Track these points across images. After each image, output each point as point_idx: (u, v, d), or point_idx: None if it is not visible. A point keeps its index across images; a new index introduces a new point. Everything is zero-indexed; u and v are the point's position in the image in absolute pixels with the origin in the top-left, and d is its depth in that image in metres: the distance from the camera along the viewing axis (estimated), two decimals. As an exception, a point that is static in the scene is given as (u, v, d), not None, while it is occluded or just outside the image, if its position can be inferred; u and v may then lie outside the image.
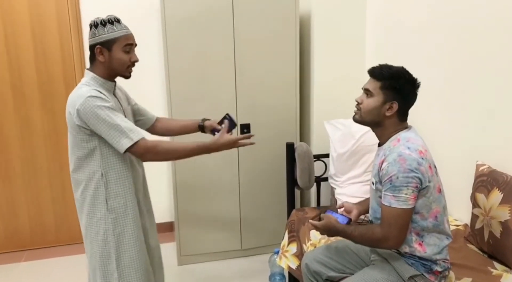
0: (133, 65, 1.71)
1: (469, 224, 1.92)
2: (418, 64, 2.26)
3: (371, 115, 1.53)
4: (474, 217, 1.84)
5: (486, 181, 1.79)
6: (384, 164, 1.46)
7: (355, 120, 1.60)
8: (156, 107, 2.95)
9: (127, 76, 1.72)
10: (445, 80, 2.12)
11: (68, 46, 2.91)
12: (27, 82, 2.89)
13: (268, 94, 2.72)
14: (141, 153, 1.64)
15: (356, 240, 1.54)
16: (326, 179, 2.51)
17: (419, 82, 1.52)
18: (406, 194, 1.41)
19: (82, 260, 2.62)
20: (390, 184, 1.42)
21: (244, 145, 1.76)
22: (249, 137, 1.77)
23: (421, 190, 1.44)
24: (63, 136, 3.00)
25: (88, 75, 1.68)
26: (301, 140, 2.88)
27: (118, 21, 1.66)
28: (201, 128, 2.02)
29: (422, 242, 1.49)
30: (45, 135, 2.99)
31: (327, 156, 2.52)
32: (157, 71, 3.01)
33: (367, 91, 1.55)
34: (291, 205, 2.43)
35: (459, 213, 2.07)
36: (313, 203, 2.80)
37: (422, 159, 1.43)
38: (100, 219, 1.71)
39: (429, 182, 1.44)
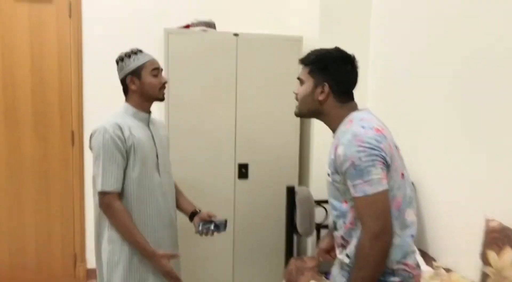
0: (164, 87, 1.79)
1: (478, 283, 1.81)
2: (419, 108, 2.22)
3: (305, 104, 1.41)
4: (485, 276, 1.73)
5: (497, 238, 1.69)
6: (340, 149, 1.27)
7: (295, 114, 1.49)
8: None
9: (161, 98, 1.80)
10: (446, 121, 2.06)
11: (67, 76, 2.85)
12: (21, 108, 2.81)
13: (268, 133, 2.66)
14: (100, 204, 1.65)
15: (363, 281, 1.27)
16: (326, 226, 2.40)
17: (353, 57, 1.39)
18: (376, 174, 1.21)
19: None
20: (355, 169, 1.22)
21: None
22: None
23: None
24: (52, 165, 2.89)
25: (123, 106, 1.76)
26: (300, 182, 2.79)
27: (140, 51, 1.77)
28: (192, 215, 1.93)
29: None
30: (34, 164, 2.87)
31: (327, 201, 2.42)
32: (157, 104, 2.94)
33: (299, 80, 1.45)
34: (289, 253, 2.31)
35: (466, 269, 1.96)
36: (310, 251, 2.67)
37: (380, 136, 1.26)
38: (103, 248, 1.70)
39: (391, 162, 1.27)
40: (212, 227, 1.85)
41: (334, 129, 1.40)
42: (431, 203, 2.19)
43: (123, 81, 1.76)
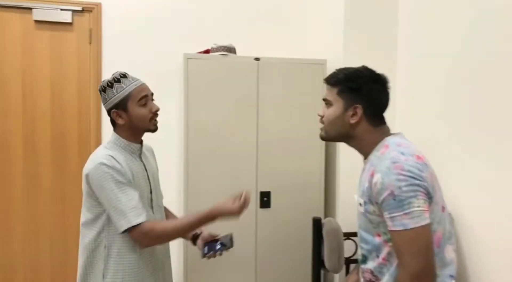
0: (156, 115, 1.60)
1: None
2: (453, 132, 2.08)
3: (335, 127, 1.30)
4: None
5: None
6: (376, 176, 1.15)
7: (321, 137, 1.37)
8: (171, 166, 2.81)
9: (153, 129, 1.61)
10: (486, 146, 1.90)
11: (86, 103, 2.82)
12: (39, 137, 2.78)
13: (291, 160, 2.54)
14: (137, 237, 1.46)
15: None
16: (356, 261, 2.23)
17: (385, 77, 1.27)
18: (418, 206, 1.11)
19: None
20: (394, 199, 1.11)
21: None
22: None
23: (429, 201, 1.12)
24: (71, 197, 2.83)
25: (112, 137, 1.59)
26: (326, 211, 2.64)
27: (124, 76, 1.56)
28: (195, 238, 1.81)
29: None
30: (52, 194, 2.81)
31: (356, 234, 2.26)
32: (176, 129, 2.88)
33: (326, 101, 1.33)
34: (316, 290, 2.15)
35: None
36: (338, 287, 2.50)
37: (421, 164, 1.15)
38: None
39: (433, 193, 1.14)
40: (218, 246, 1.69)
41: (366, 155, 1.29)
42: (473, 238, 2.01)
43: (109, 114, 1.57)
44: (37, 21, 2.71)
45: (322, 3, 2.88)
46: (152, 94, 1.62)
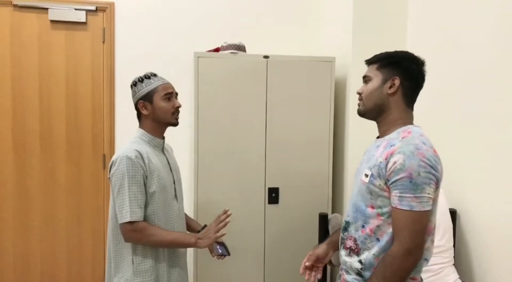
0: (177, 111, 1.76)
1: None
2: (464, 132, 2.09)
3: (373, 98, 1.37)
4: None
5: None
6: (397, 156, 1.22)
7: (359, 113, 1.44)
8: (182, 163, 2.87)
9: (174, 123, 1.75)
10: (496, 144, 1.92)
11: (99, 101, 2.91)
12: (55, 133, 2.87)
13: (300, 157, 2.58)
14: (129, 231, 1.58)
15: None
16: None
17: (423, 60, 1.37)
18: (428, 193, 1.21)
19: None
20: (410, 182, 1.20)
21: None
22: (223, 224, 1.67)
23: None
24: (85, 190, 2.93)
25: (138, 133, 1.74)
26: (333, 209, 2.68)
27: (154, 75, 1.74)
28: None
29: None
30: (67, 188, 2.91)
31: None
32: (186, 127, 2.94)
33: (365, 78, 1.41)
34: (320, 281, 2.19)
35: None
36: (344, 280, 2.54)
37: (438, 158, 1.25)
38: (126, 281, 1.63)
39: (439, 187, 1.26)
40: (222, 249, 1.82)
41: (385, 132, 1.37)
42: (477, 232, 2.03)
43: (136, 106, 1.74)
44: (52, 21, 2.80)
45: (331, 1, 2.89)
46: (176, 94, 1.78)
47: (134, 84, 1.73)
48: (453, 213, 2.10)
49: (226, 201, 2.50)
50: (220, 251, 1.80)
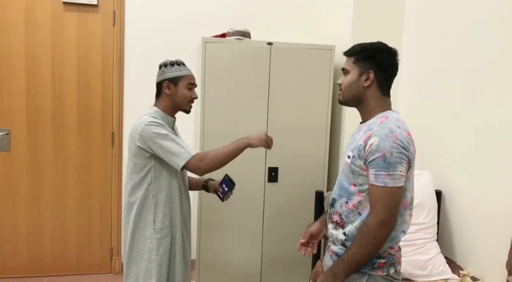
0: (192, 101, 1.92)
1: (503, 293, 1.83)
2: (448, 116, 2.25)
3: (351, 91, 1.50)
4: (510, 286, 1.75)
5: (524, 249, 1.72)
6: (373, 139, 1.37)
7: (339, 102, 1.58)
8: (188, 140, 3.01)
9: (187, 110, 1.93)
10: (475, 130, 2.09)
11: (109, 81, 3.04)
12: (67, 111, 3.01)
13: (299, 139, 2.74)
14: (196, 165, 1.77)
15: (361, 257, 1.39)
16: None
17: (396, 51, 1.50)
18: (400, 171, 1.35)
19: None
20: (384, 161, 1.34)
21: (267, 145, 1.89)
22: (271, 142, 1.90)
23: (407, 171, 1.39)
24: (93, 164, 3.08)
25: (152, 109, 1.90)
26: (328, 188, 2.86)
27: (183, 64, 1.92)
28: (205, 187, 2.16)
29: None
30: (77, 163, 3.07)
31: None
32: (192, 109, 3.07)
33: (344, 71, 1.54)
34: (316, 256, 2.38)
35: (493, 279, 1.98)
36: (337, 254, 2.73)
37: (410, 140, 1.39)
38: (146, 239, 1.83)
39: (412, 165, 1.40)
40: (226, 188, 2.05)
41: (366, 119, 1.51)
42: (459, 211, 2.22)
43: (159, 85, 1.89)
44: (65, 3, 2.90)
45: (333, -9, 3.00)
46: (196, 86, 1.94)
47: (165, 65, 1.88)
48: (438, 194, 2.28)
49: (229, 179, 2.66)
50: (227, 189, 2.02)
